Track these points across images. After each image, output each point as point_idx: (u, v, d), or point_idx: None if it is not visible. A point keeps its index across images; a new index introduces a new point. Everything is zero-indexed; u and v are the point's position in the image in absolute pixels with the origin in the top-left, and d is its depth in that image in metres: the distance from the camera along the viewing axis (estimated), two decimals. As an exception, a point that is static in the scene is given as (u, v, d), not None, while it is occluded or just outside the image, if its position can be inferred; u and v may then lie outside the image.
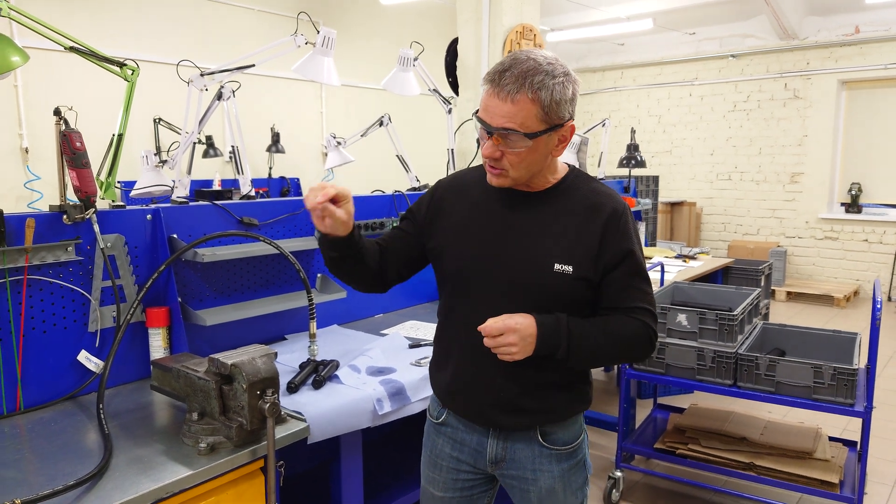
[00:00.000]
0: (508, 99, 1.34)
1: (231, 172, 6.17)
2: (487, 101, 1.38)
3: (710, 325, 2.85)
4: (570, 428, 1.56)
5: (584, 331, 1.42)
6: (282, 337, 2.62)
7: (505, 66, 1.37)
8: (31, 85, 4.99)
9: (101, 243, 2.01)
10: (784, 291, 7.64)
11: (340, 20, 7.13)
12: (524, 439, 1.53)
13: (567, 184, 1.52)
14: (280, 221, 2.60)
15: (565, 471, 1.55)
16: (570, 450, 1.56)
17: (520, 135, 1.36)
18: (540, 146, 1.39)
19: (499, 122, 1.36)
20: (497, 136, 1.38)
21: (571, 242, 1.44)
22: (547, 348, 1.40)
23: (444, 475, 1.64)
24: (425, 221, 1.61)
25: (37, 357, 1.91)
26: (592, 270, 1.44)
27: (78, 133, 1.91)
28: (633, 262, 1.46)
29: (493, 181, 1.46)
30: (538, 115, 1.35)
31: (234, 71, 2.50)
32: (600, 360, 1.57)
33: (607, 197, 1.49)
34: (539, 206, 1.49)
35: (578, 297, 1.46)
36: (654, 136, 9.19)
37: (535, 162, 1.42)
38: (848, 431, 3.81)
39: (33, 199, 4.85)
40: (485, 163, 1.46)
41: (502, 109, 1.35)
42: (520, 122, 1.35)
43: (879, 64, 7.38)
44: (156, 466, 1.50)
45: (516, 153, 1.39)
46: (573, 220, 1.46)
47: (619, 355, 1.58)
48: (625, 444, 3.18)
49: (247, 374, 1.53)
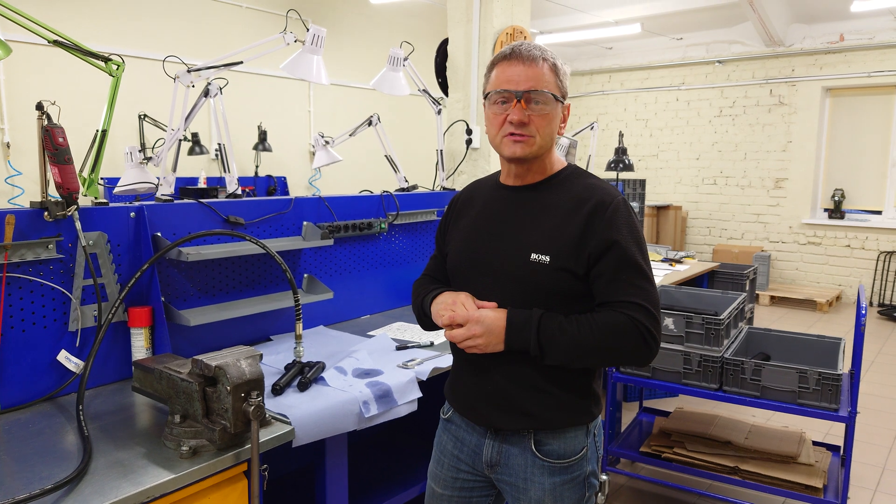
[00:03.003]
0: (532, 65, 1.42)
1: (217, 170, 6.12)
2: (508, 71, 1.44)
3: (697, 329, 2.85)
4: (567, 441, 1.50)
5: (559, 326, 1.38)
6: (267, 338, 2.59)
7: (516, 44, 1.46)
8: (13, 79, 4.92)
9: (83, 241, 1.97)
10: (768, 296, 7.70)
11: (330, 19, 7.10)
12: (518, 445, 1.51)
13: (561, 177, 1.52)
14: (266, 221, 2.57)
15: (557, 485, 1.50)
16: (565, 464, 1.50)
17: (548, 95, 1.43)
18: (557, 114, 1.46)
19: (526, 86, 1.42)
20: (524, 99, 1.42)
21: (552, 232, 1.43)
22: (518, 342, 1.39)
23: (444, 472, 1.65)
24: (445, 237, 1.68)
25: (15, 357, 1.87)
26: (574, 261, 1.40)
27: (61, 128, 1.87)
28: (620, 254, 1.39)
29: (514, 150, 1.46)
30: (555, 83, 1.45)
31: (221, 68, 2.47)
32: (583, 358, 1.40)
33: (599, 190, 1.46)
34: (532, 200, 1.51)
35: (562, 288, 1.42)
36: (641, 139, 9.24)
37: (554, 131, 1.48)
38: (832, 436, 3.84)
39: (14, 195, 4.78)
40: (501, 136, 1.47)
41: (527, 73, 1.42)
42: (545, 84, 1.43)
43: (863, 72, 7.47)
44: (137, 470, 1.47)
45: (544, 115, 1.44)
46: (559, 212, 1.46)
47: (604, 353, 1.40)
48: (610, 448, 3.18)
49: (231, 377, 1.51)
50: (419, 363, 2.26)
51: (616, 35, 8.16)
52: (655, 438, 3.21)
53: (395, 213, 3.10)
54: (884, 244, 7.53)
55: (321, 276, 2.80)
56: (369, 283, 3.03)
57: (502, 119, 1.45)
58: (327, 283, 2.80)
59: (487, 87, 1.50)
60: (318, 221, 2.76)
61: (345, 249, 2.91)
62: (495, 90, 1.46)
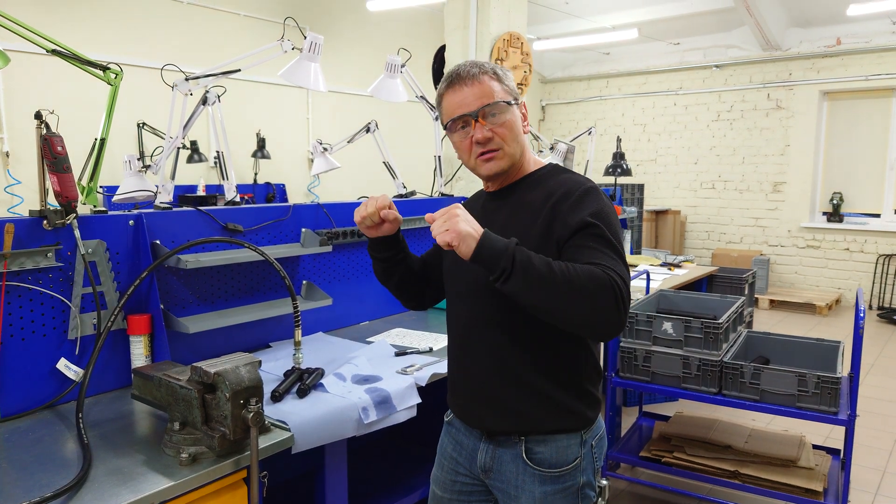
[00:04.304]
0: (474, 84, 1.45)
1: (215, 178, 6.13)
2: (457, 97, 1.47)
3: (696, 333, 2.86)
4: (559, 450, 1.48)
5: (534, 253, 1.29)
6: (266, 345, 2.59)
7: (450, 72, 1.50)
8: (12, 88, 4.93)
9: (81, 249, 1.97)
10: (767, 299, 7.71)
11: (327, 26, 7.12)
12: (511, 451, 1.51)
13: (537, 176, 1.54)
14: (265, 228, 2.58)
15: (548, 494, 1.48)
16: (556, 474, 1.48)
17: (500, 105, 1.46)
18: (515, 116, 1.49)
19: (477, 104, 1.45)
20: (481, 116, 1.45)
21: (523, 231, 1.43)
22: (489, 245, 1.27)
23: (444, 474, 1.66)
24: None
25: (15, 365, 1.88)
26: (545, 252, 1.36)
27: (59, 137, 1.87)
28: (588, 230, 1.35)
29: (490, 168, 1.49)
30: (502, 89, 1.47)
31: (219, 76, 2.48)
32: (551, 292, 1.25)
33: (568, 182, 1.46)
34: (509, 201, 1.53)
35: None
36: (639, 144, 9.26)
37: (519, 135, 1.50)
38: (831, 439, 3.83)
39: (13, 204, 4.78)
40: (474, 158, 1.49)
41: (473, 93, 1.45)
42: (492, 95, 1.46)
43: (860, 75, 7.49)
44: (136, 477, 1.47)
45: (504, 124, 1.46)
46: (531, 209, 1.46)
47: (575, 296, 1.24)
48: (610, 453, 3.18)
49: (230, 383, 1.51)
50: (418, 369, 2.26)
51: (613, 40, 8.18)
52: (655, 443, 3.21)
53: (393, 219, 3.10)
54: (882, 247, 7.54)
55: (320, 282, 2.80)
56: (368, 290, 3.04)
57: (469, 142, 1.48)
58: (326, 290, 2.81)
59: (444, 119, 1.52)
60: (317, 228, 2.76)
61: (343, 256, 2.92)
62: (451, 119, 1.48)
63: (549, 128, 10.14)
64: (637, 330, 2.98)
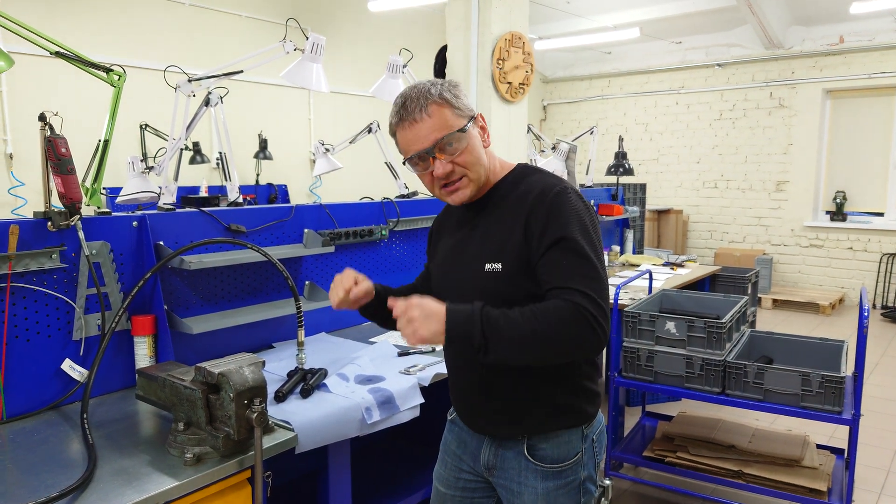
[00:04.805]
0: (423, 117, 1.40)
1: (217, 179, 6.14)
2: (409, 135, 1.43)
3: (699, 332, 2.85)
4: (560, 446, 1.49)
5: (502, 313, 1.29)
6: (269, 345, 2.59)
7: (398, 105, 1.45)
8: (15, 90, 4.94)
9: (86, 250, 1.98)
10: (770, 299, 7.69)
11: (329, 27, 7.13)
12: (513, 449, 1.52)
13: (508, 181, 1.52)
14: (268, 228, 2.59)
15: (551, 490, 1.49)
16: (558, 469, 1.49)
17: (454, 134, 1.41)
18: (473, 139, 1.45)
19: (431, 140, 1.41)
20: (438, 150, 1.42)
21: (501, 239, 1.43)
22: (459, 331, 1.28)
23: (447, 472, 1.67)
24: (432, 255, 1.74)
25: (20, 366, 1.88)
26: (525, 264, 1.38)
27: (63, 139, 1.88)
28: (561, 243, 1.34)
29: (457, 198, 1.48)
30: (453, 115, 1.42)
31: (222, 77, 2.49)
32: (528, 348, 1.29)
33: (539, 184, 1.44)
34: (485, 210, 1.52)
35: (519, 295, 1.37)
36: (641, 144, 9.25)
37: (480, 157, 1.46)
38: (835, 439, 3.83)
39: (17, 206, 4.79)
40: (438, 190, 1.49)
41: (426, 128, 1.41)
42: (445, 126, 1.41)
43: (863, 73, 7.48)
44: (141, 477, 1.48)
45: (464, 152, 1.43)
46: (506, 216, 1.45)
47: (549, 342, 1.28)
48: (614, 453, 3.18)
49: (234, 384, 1.51)
50: (421, 369, 2.26)
51: (615, 40, 8.17)
52: (659, 443, 3.20)
53: (395, 219, 3.11)
54: (886, 246, 7.52)
55: (323, 283, 2.81)
56: (371, 290, 3.03)
57: (429, 177, 1.47)
58: (329, 290, 2.81)
59: (401, 153, 1.49)
60: (320, 228, 2.77)
61: (346, 256, 2.92)
62: (408, 157, 1.46)
63: (551, 127, 10.14)
64: (640, 330, 2.98)
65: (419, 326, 1.28)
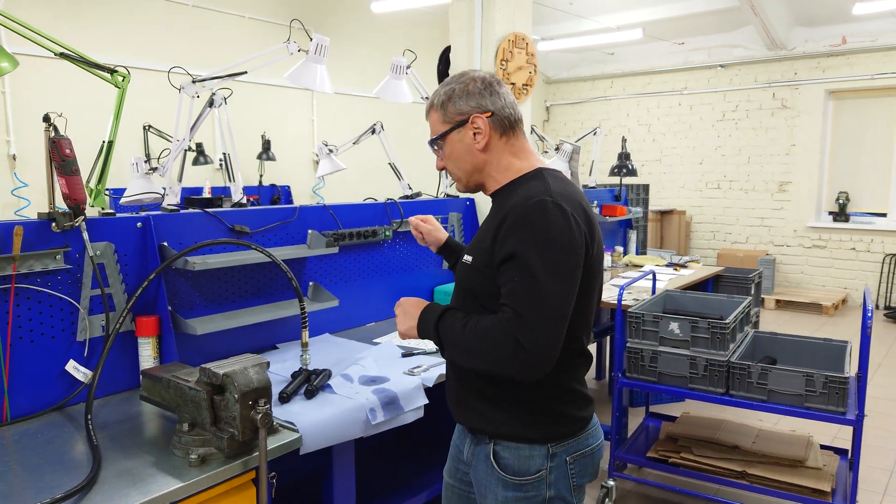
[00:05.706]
0: (428, 119, 1.59)
1: (221, 180, 6.14)
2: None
3: (703, 333, 2.85)
4: (521, 459, 1.46)
5: (453, 322, 1.44)
6: (273, 346, 2.59)
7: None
8: (19, 91, 4.95)
9: (90, 251, 1.98)
10: (773, 300, 7.68)
11: (332, 28, 7.13)
12: (483, 451, 1.53)
13: (513, 185, 1.51)
14: (272, 229, 2.59)
15: (510, 500, 1.47)
16: (519, 482, 1.46)
17: (436, 139, 1.57)
18: (455, 144, 1.54)
19: (430, 138, 1.59)
20: (434, 148, 1.60)
21: (480, 237, 1.51)
22: (425, 331, 1.51)
23: (451, 463, 1.71)
24: None
25: (24, 367, 1.88)
26: (489, 264, 1.41)
27: (67, 140, 1.88)
28: (515, 259, 1.35)
29: (456, 189, 1.67)
30: (441, 118, 1.55)
31: (225, 78, 2.49)
32: (465, 358, 1.43)
33: (521, 195, 1.42)
34: (494, 206, 1.58)
35: (481, 289, 1.46)
36: (644, 145, 9.24)
37: (463, 160, 1.55)
38: (839, 440, 3.82)
39: (20, 207, 4.80)
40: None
41: (429, 127, 1.59)
42: (434, 129, 1.57)
43: (866, 74, 7.46)
44: (145, 478, 1.48)
45: (448, 155, 1.57)
46: (490, 217, 1.52)
47: (476, 356, 1.39)
48: (617, 453, 3.18)
49: (238, 385, 1.51)
50: (425, 370, 2.26)
51: (618, 41, 8.17)
52: (662, 443, 3.20)
53: (399, 220, 3.11)
54: (889, 246, 7.51)
55: (326, 283, 2.81)
56: (374, 291, 3.04)
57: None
58: (333, 291, 2.81)
59: None
60: (323, 229, 2.77)
61: (350, 257, 2.92)
62: None
63: (554, 128, 10.14)
64: (643, 330, 2.98)
65: (399, 322, 1.57)
